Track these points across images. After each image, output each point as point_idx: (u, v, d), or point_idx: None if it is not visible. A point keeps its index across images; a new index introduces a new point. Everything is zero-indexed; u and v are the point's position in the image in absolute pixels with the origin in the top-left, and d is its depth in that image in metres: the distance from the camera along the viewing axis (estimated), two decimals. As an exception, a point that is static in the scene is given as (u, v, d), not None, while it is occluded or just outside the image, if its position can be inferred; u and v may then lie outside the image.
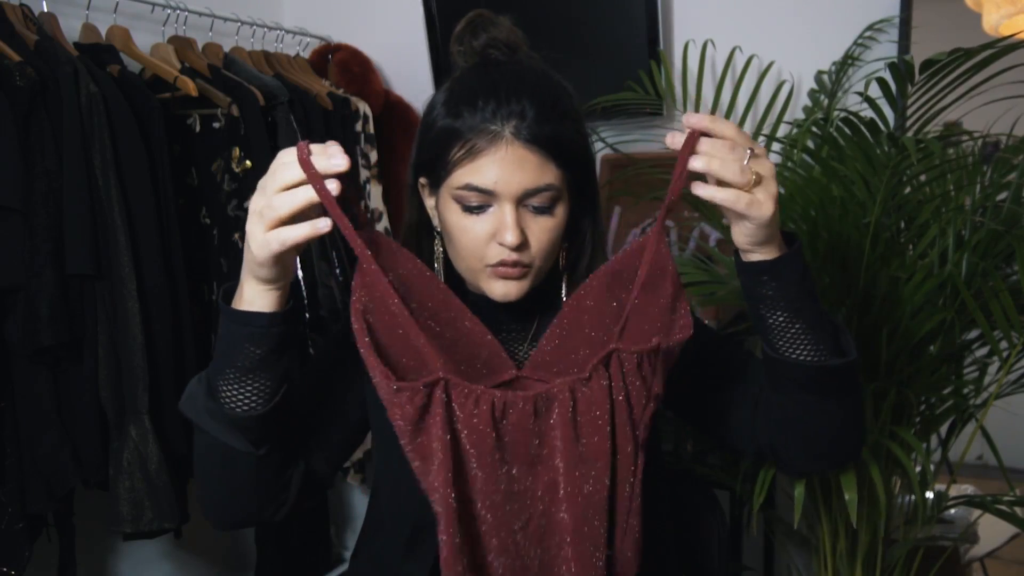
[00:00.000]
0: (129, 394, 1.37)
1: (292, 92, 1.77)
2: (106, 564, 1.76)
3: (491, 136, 0.79)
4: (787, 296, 0.79)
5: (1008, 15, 1.59)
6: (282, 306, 0.77)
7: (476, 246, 0.83)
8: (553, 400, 0.74)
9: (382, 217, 1.93)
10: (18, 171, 1.25)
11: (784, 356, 0.81)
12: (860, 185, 1.21)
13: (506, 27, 0.88)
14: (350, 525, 2.35)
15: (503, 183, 0.79)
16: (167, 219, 1.45)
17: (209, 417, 0.79)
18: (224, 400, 0.78)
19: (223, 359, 0.77)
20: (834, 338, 0.83)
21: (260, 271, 0.73)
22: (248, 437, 0.79)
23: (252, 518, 0.88)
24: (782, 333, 0.81)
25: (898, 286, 1.23)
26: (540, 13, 1.89)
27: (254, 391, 0.77)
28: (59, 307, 1.28)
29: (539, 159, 0.80)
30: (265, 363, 0.77)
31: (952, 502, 1.37)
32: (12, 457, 1.29)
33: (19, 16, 1.42)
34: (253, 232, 0.71)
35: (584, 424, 0.73)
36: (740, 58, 1.73)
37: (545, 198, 0.82)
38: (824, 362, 0.81)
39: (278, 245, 0.70)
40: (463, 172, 0.80)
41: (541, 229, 0.83)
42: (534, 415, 0.73)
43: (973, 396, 1.32)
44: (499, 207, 0.81)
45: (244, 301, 0.76)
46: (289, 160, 0.69)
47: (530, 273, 0.85)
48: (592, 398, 0.73)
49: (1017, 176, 1.30)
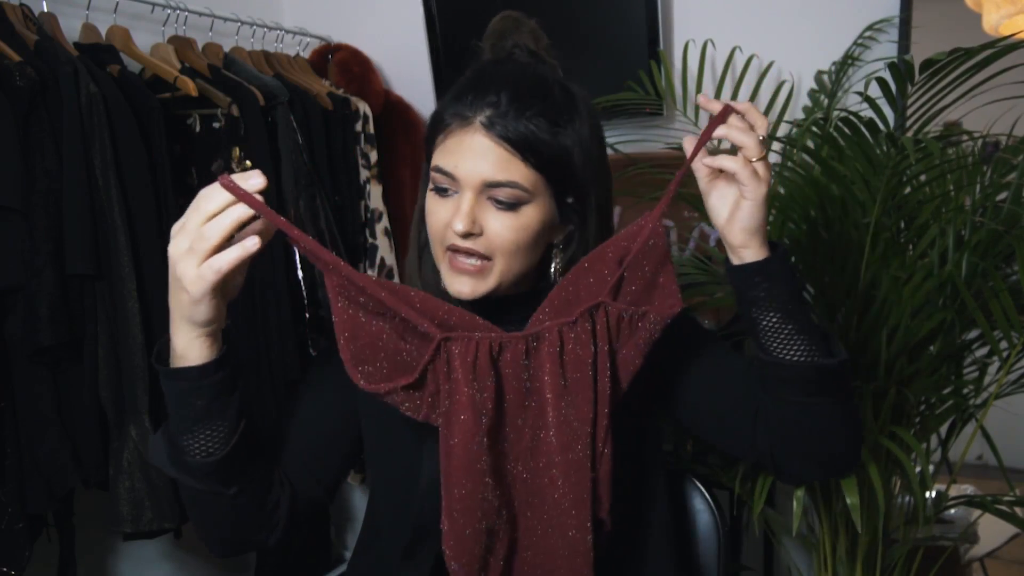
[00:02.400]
0: (129, 394, 1.37)
1: (292, 92, 1.77)
2: (106, 564, 1.76)
3: (462, 121, 0.82)
4: (779, 297, 0.81)
5: (1008, 15, 1.59)
6: (217, 351, 0.77)
7: (437, 229, 0.85)
8: (543, 339, 0.79)
9: (382, 217, 1.92)
10: (18, 171, 1.25)
11: (777, 357, 0.82)
12: (860, 185, 1.21)
13: (529, 31, 0.91)
14: (350, 525, 2.35)
15: (463, 170, 0.81)
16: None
17: (172, 466, 0.81)
18: (183, 448, 0.79)
19: (172, 413, 0.78)
20: (824, 341, 0.84)
21: (197, 312, 0.72)
22: (214, 479, 0.80)
23: (245, 547, 0.90)
24: (775, 334, 0.82)
25: (898, 286, 1.23)
26: (540, 13, 1.89)
27: (208, 438, 0.78)
28: (59, 307, 1.28)
29: (504, 154, 0.81)
30: (211, 412, 0.77)
31: (952, 502, 1.37)
32: (12, 457, 1.29)
33: (19, 16, 1.42)
34: (185, 271, 0.69)
35: (569, 362, 0.79)
36: (740, 58, 1.73)
37: (508, 194, 0.82)
38: (817, 361, 0.82)
39: (213, 274, 0.69)
40: (437, 154, 0.84)
41: (502, 225, 0.83)
42: (525, 352, 0.79)
43: (973, 396, 1.32)
44: (460, 194, 0.83)
45: (177, 357, 0.76)
46: (209, 192, 0.69)
47: (490, 271, 0.84)
48: (577, 339, 0.79)
49: (1017, 176, 1.30)
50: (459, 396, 0.76)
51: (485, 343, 0.77)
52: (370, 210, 1.91)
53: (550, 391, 0.79)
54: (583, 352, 0.79)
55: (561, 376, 0.79)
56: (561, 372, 0.79)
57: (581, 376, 0.79)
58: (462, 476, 0.76)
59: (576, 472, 0.79)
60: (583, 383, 0.79)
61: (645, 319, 0.80)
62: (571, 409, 0.79)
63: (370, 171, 1.91)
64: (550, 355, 0.79)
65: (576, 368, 0.79)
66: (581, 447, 0.79)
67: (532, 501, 0.81)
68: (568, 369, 0.79)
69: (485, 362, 0.77)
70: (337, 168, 1.87)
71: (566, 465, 0.79)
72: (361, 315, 0.75)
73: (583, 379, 0.79)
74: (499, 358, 0.78)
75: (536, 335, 0.79)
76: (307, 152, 1.75)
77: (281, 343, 1.64)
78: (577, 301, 0.81)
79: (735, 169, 0.78)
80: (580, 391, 0.79)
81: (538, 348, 0.79)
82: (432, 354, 0.76)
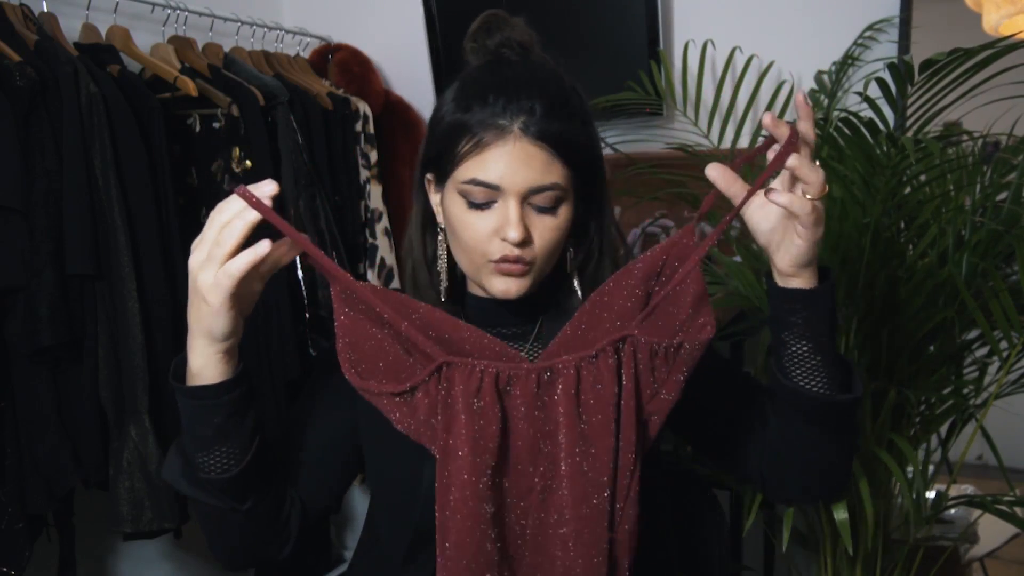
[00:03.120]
0: (129, 394, 1.37)
1: (292, 92, 1.77)
2: (106, 564, 1.76)
3: (499, 131, 0.79)
4: (815, 328, 0.79)
5: (1008, 15, 1.59)
6: (233, 369, 0.77)
7: (479, 242, 0.82)
8: (557, 375, 0.73)
9: (382, 217, 1.92)
10: (18, 171, 1.25)
11: (797, 385, 0.82)
12: (860, 185, 1.21)
13: (520, 27, 0.88)
14: (350, 525, 2.35)
15: (508, 178, 0.79)
16: (167, 219, 1.44)
17: (187, 483, 0.80)
18: (199, 466, 0.79)
19: (187, 431, 0.78)
20: (846, 375, 0.83)
21: (216, 325, 0.72)
22: (229, 496, 0.80)
23: (258, 561, 0.90)
24: (802, 363, 0.81)
25: (898, 286, 1.23)
26: (540, 13, 1.88)
27: (224, 455, 0.78)
28: (59, 307, 1.28)
29: (546, 156, 0.80)
30: (227, 429, 0.77)
31: (952, 502, 1.36)
32: (12, 457, 1.29)
33: (19, 16, 1.42)
34: (204, 280, 0.70)
35: (587, 402, 0.73)
36: (740, 58, 1.73)
37: (550, 197, 0.81)
38: (833, 397, 0.81)
39: (229, 279, 0.69)
40: (469, 166, 0.80)
41: (545, 228, 0.82)
42: (537, 387, 0.73)
43: (973, 396, 1.32)
44: (503, 203, 0.80)
45: (193, 375, 0.76)
46: (223, 203, 0.71)
47: (531, 271, 0.84)
48: (597, 376, 0.73)
49: (1017, 176, 1.30)
50: (457, 428, 0.70)
51: (491, 373, 0.72)
52: (370, 210, 1.91)
53: (564, 436, 0.72)
54: (605, 391, 0.72)
55: (578, 419, 0.72)
56: (578, 414, 0.72)
57: (602, 419, 0.72)
58: (459, 521, 0.71)
59: (590, 531, 0.72)
60: (603, 428, 0.72)
61: (680, 351, 0.73)
62: (588, 458, 0.72)
63: (370, 171, 1.91)
64: (566, 393, 0.72)
65: (596, 410, 0.72)
66: (598, 502, 0.71)
67: (538, 561, 0.75)
68: (586, 411, 0.72)
69: (490, 394, 0.71)
70: (337, 168, 1.87)
71: (578, 522, 0.72)
72: (364, 322, 0.73)
73: (604, 423, 0.72)
74: (507, 392, 0.72)
75: (550, 369, 0.73)
76: (307, 152, 1.75)
77: (281, 343, 1.64)
78: (599, 329, 0.75)
79: (802, 212, 0.72)
80: (600, 437, 0.72)
81: (552, 384, 0.73)
82: (429, 374, 0.72)
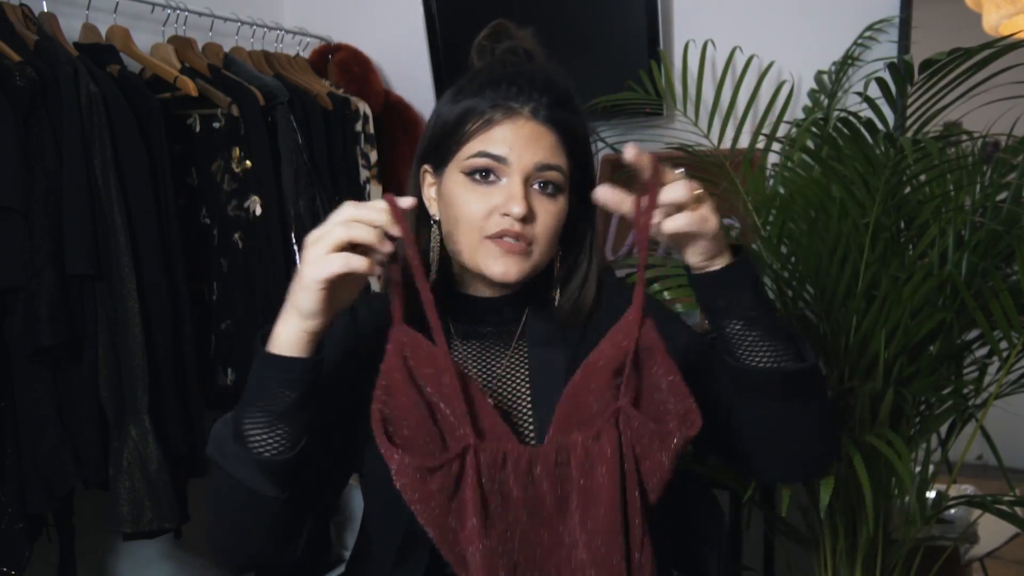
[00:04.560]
0: (129, 394, 1.37)
1: (292, 92, 1.77)
2: (106, 564, 1.76)
3: (509, 111, 0.83)
4: (741, 304, 0.80)
5: (1008, 15, 1.59)
6: (315, 354, 0.77)
7: (478, 218, 0.83)
8: (570, 450, 0.78)
9: (382, 217, 1.92)
10: (18, 171, 1.25)
11: (744, 364, 0.82)
12: (860, 185, 1.21)
13: (527, 37, 0.92)
14: (350, 525, 2.35)
15: (516, 153, 0.82)
16: (167, 219, 1.44)
17: (236, 461, 0.79)
18: (252, 444, 0.78)
19: (254, 403, 0.78)
20: (793, 345, 0.83)
21: (304, 298, 0.73)
22: (275, 481, 0.79)
23: (262, 559, 0.88)
24: (739, 341, 0.81)
25: (898, 286, 1.23)
26: (540, 13, 1.89)
27: (283, 435, 0.78)
28: (59, 307, 1.28)
29: (554, 139, 0.84)
30: (296, 408, 0.77)
31: (952, 502, 1.36)
32: (12, 457, 1.29)
33: (19, 16, 1.42)
34: (314, 252, 0.71)
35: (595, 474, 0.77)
36: (740, 58, 1.73)
37: (554, 177, 0.84)
38: (784, 367, 0.81)
39: (322, 270, 0.70)
40: (477, 141, 0.84)
41: (546, 211, 0.84)
42: (556, 464, 0.78)
43: (973, 396, 1.32)
44: (509, 180, 0.83)
45: (278, 344, 0.76)
46: (374, 202, 0.73)
47: (530, 253, 0.85)
48: (600, 452, 0.77)
49: (1017, 176, 1.30)
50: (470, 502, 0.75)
51: (513, 455, 0.77)
52: (370, 210, 1.91)
53: (578, 505, 0.77)
54: (611, 463, 0.77)
55: (587, 490, 0.78)
56: (588, 486, 0.78)
57: (607, 483, 0.77)
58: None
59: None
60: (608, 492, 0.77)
61: (669, 438, 0.77)
62: (597, 522, 0.77)
63: (370, 171, 1.91)
64: (578, 467, 0.78)
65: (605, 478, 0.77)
66: (616, 560, 0.76)
67: None
68: (593, 480, 0.78)
69: (510, 474, 0.76)
70: (337, 168, 1.87)
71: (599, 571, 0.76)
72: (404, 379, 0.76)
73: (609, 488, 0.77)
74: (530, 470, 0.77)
75: (563, 447, 0.78)
76: (307, 152, 1.75)
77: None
78: (587, 413, 0.79)
79: (691, 225, 0.75)
80: (606, 502, 0.77)
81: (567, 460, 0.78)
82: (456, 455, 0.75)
